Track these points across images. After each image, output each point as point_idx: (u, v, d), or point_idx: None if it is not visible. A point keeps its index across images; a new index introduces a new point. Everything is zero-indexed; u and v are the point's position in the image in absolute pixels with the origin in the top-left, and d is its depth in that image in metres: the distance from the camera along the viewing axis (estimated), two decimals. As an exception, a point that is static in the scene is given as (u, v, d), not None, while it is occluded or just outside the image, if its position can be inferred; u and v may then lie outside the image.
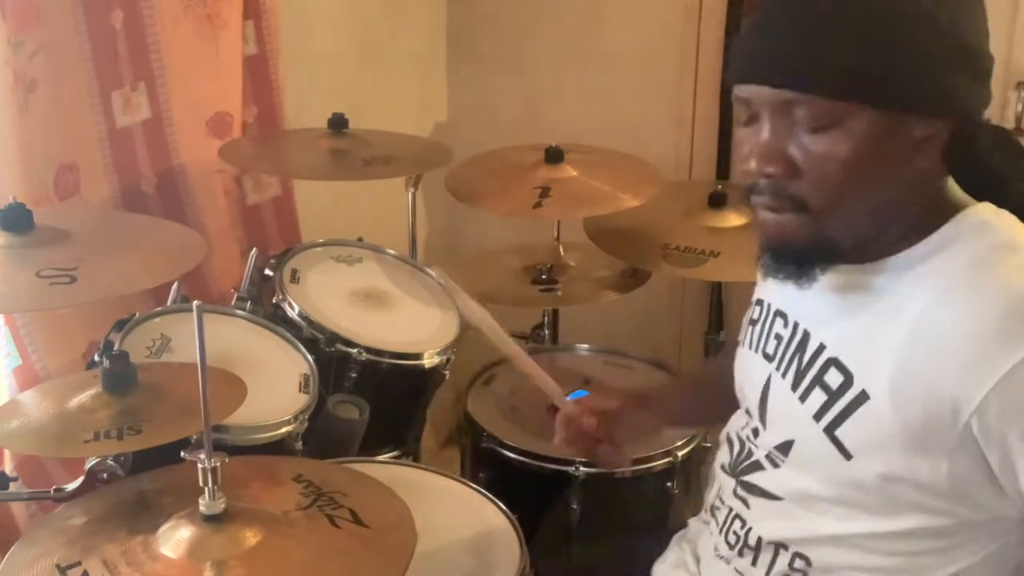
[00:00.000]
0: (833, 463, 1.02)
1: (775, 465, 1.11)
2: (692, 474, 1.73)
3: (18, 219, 1.39)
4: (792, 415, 1.07)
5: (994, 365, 0.90)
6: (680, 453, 1.65)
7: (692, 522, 1.31)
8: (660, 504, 1.67)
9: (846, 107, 0.93)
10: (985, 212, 1.00)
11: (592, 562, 1.52)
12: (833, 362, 1.03)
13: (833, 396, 1.02)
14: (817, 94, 0.93)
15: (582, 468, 1.60)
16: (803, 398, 1.06)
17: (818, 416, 1.03)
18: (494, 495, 1.48)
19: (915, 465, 0.96)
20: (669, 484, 1.66)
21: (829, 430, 1.02)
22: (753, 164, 0.98)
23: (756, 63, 0.97)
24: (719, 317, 2.22)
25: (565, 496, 1.62)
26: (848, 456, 1.01)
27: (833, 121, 0.93)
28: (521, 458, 1.65)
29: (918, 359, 0.94)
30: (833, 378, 1.02)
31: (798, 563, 1.08)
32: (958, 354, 0.92)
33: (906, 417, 0.95)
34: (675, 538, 1.31)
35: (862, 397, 0.99)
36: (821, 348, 1.05)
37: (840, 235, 0.99)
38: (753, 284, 1.22)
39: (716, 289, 2.21)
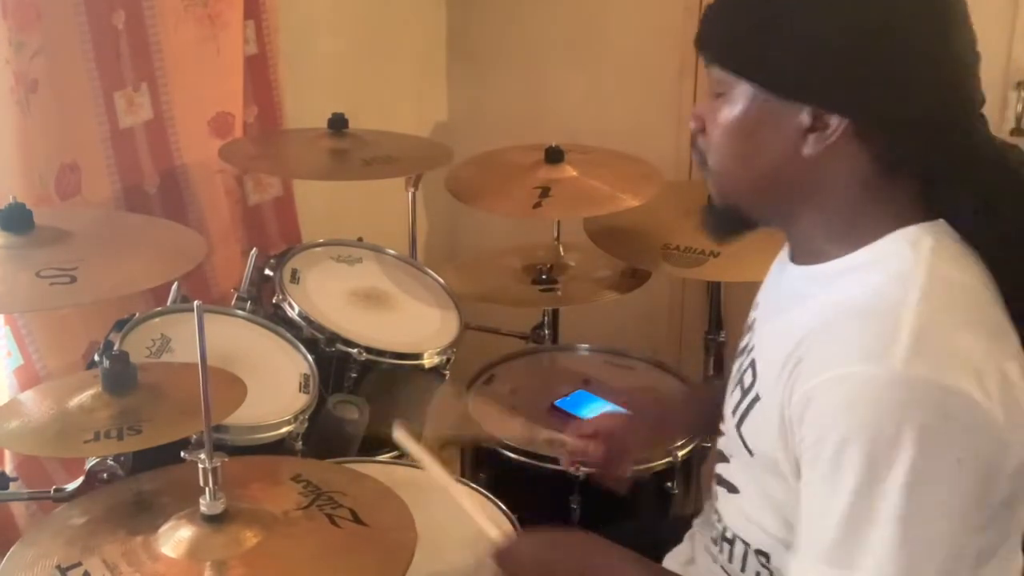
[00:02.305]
0: (746, 458, 1.05)
1: (729, 456, 1.13)
2: (692, 474, 1.73)
3: (18, 219, 1.39)
4: (728, 409, 1.11)
5: (808, 380, 0.90)
6: (680, 453, 1.65)
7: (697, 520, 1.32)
8: (660, 504, 1.67)
9: (733, 79, 0.99)
10: (912, 236, 0.96)
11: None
12: (751, 364, 1.06)
13: (743, 395, 1.06)
14: (715, 63, 1.01)
15: (582, 468, 1.60)
16: (731, 393, 1.09)
17: (733, 412, 1.07)
18: (494, 495, 1.48)
19: (792, 471, 0.96)
20: (669, 484, 1.66)
21: (738, 426, 1.06)
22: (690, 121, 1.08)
23: (699, 32, 1.05)
24: (719, 317, 2.22)
25: (565, 496, 1.62)
26: (751, 453, 1.04)
27: (724, 89, 1.00)
28: (521, 458, 1.65)
29: (789, 368, 0.95)
30: (747, 378, 1.06)
31: (760, 558, 1.08)
32: (803, 367, 0.92)
33: (779, 422, 0.96)
34: (687, 535, 1.31)
35: (756, 399, 1.02)
36: (752, 348, 1.09)
37: (743, 206, 1.06)
38: (753, 284, 1.22)
39: (716, 289, 2.21)
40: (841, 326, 0.92)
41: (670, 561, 1.30)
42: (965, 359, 0.87)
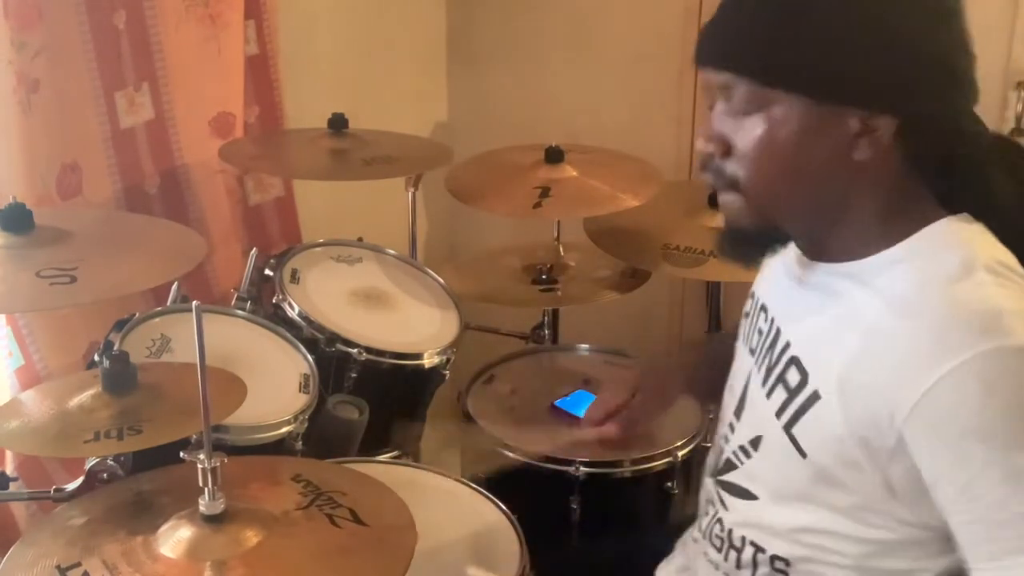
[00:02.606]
0: (793, 460, 1.03)
1: (745, 460, 1.12)
2: (692, 474, 1.73)
3: (18, 219, 1.40)
4: (761, 410, 1.09)
5: (920, 379, 0.89)
6: (680, 453, 1.65)
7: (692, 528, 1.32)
8: (660, 504, 1.67)
9: (772, 93, 0.95)
10: (952, 226, 0.98)
11: (592, 562, 1.52)
12: (794, 361, 1.04)
13: (791, 394, 1.03)
14: (747, 77, 0.96)
15: (582, 468, 1.60)
16: (769, 394, 1.07)
17: (779, 413, 1.05)
18: (494, 495, 1.48)
19: (861, 468, 0.96)
20: (669, 484, 1.66)
21: (787, 428, 1.03)
22: (699, 144, 1.03)
23: (702, 46, 1.01)
24: (719, 317, 2.22)
25: (565, 496, 1.62)
26: (804, 454, 1.02)
27: (760, 105, 0.96)
28: (521, 458, 1.65)
29: (865, 367, 0.94)
30: (792, 377, 1.04)
31: (778, 564, 1.08)
32: (896, 367, 0.92)
33: (852, 421, 0.95)
34: (679, 542, 1.31)
35: (814, 397, 1.00)
36: (787, 346, 1.06)
37: (783, 221, 1.04)
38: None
39: (716, 289, 2.21)
40: (925, 319, 0.91)
41: (663, 570, 1.30)
42: None
